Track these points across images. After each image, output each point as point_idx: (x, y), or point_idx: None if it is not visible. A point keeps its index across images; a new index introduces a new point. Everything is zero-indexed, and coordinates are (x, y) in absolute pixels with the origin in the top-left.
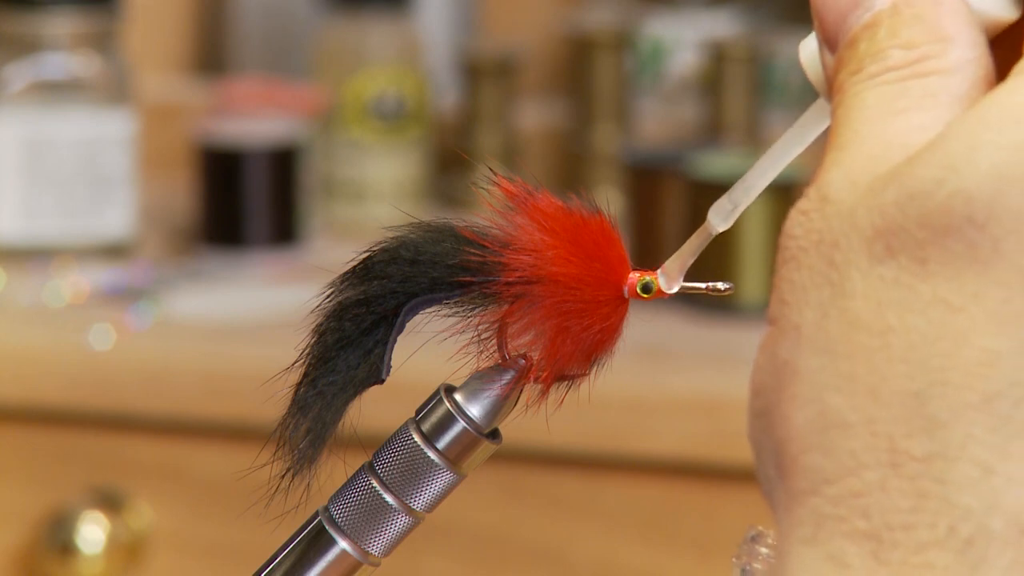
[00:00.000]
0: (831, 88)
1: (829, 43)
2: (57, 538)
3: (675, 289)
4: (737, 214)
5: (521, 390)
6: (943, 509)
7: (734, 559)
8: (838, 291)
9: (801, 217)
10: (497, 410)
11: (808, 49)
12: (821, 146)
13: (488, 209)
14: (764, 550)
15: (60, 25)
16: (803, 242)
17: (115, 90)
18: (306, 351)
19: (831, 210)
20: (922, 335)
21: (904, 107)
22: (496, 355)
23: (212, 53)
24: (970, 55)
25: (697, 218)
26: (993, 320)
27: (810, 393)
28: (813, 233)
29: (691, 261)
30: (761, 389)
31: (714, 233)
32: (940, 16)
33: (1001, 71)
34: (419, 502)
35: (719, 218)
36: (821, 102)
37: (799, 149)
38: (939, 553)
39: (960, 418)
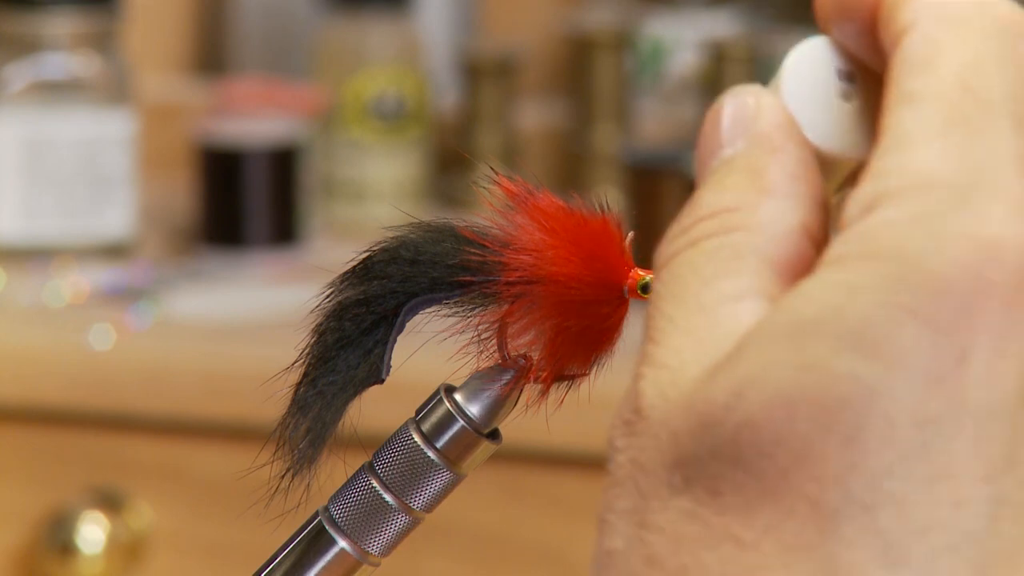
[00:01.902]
0: None
1: None
2: (57, 538)
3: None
4: None
5: (521, 390)
6: None
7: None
8: (642, 522)
9: (623, 427)
10: (497, 410)
11: None
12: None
13: (488, 209)
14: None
15: (60, 25)
16: (621, 457)
17: (115, 90)
18: (306, 351)
19: (643, 427)
20: (715, 574)
21: (711, 274)
22: (496, 355)
23: (212, 53)
24: (786, 208)
25: None
26: (785, 553)
27: None
28: (631, 449)
29: None
30: None
31: None
32: (768, 166)
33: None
34: (419, 502)
35: None
36: None
37: None
38: None
39: None
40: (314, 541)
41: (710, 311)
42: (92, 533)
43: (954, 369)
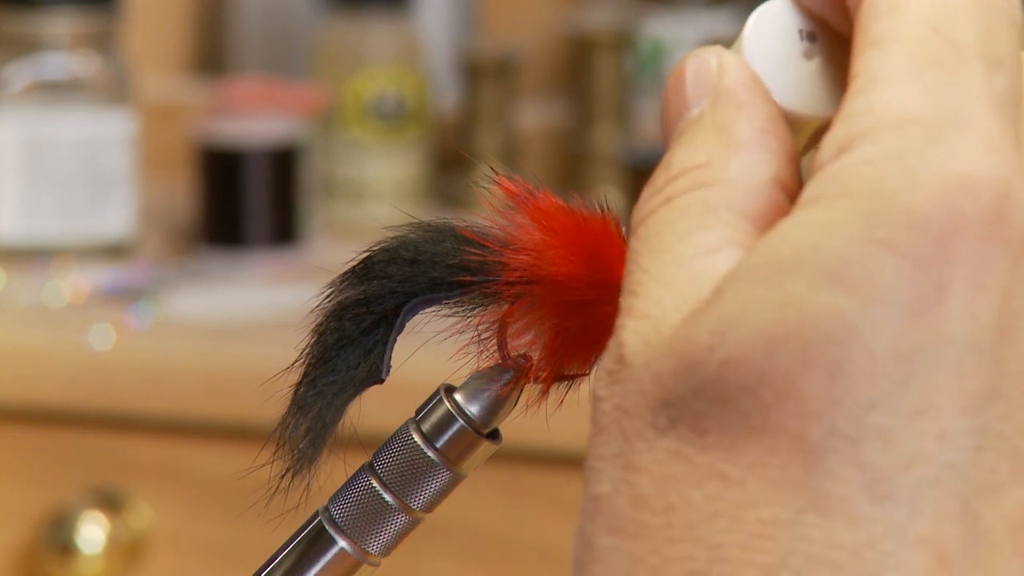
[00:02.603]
0: None
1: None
2: (57, 538)
3: None
4: None
5: (521, 390)
6: None
7: None
8: (628, 464)
9: (605, 377)
10: (497, 410)
11: None
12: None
13: (488, 209)
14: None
15: (60, 25)
16: (605, 405)
17: (115, 90)
18: (306, 351)
19: (625, 374)
20: (701, 511)
21: (686, 228)
22: (496, 355)
23: (212, 53)
24: (757, 161)
25: None
26: (770, 489)
27: (603, 575)
28: (614, 396)
29: None
30: (573, 561)
31: None
32: (736, 121)
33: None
34: (419, 502)
35: None
36: None
37: None
38: None
39: None
40: (314, 541)
41: (687, 263)
42: (92, 533)
43: (933, 302)
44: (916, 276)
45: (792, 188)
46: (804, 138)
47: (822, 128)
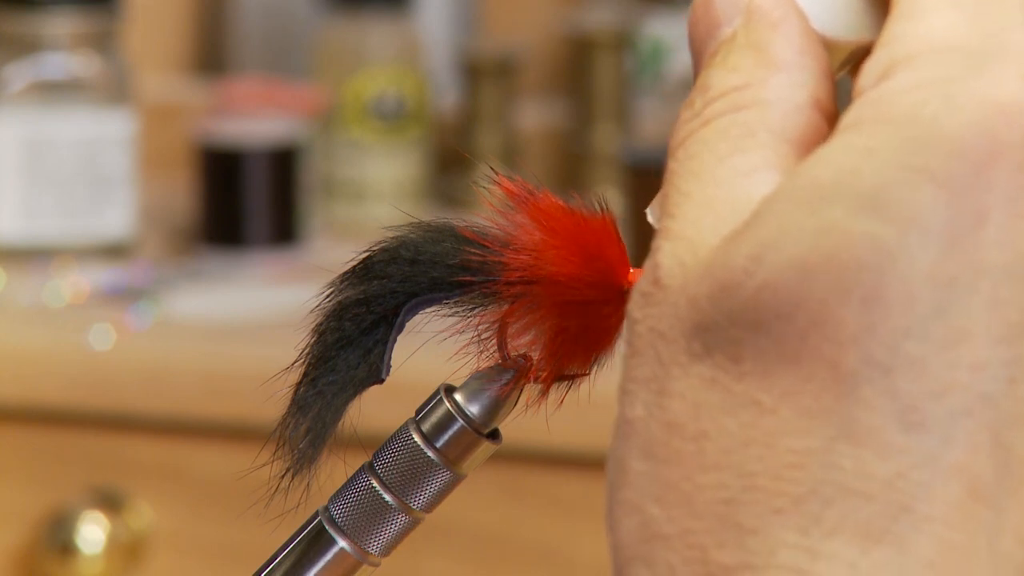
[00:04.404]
0: None
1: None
2: (57, 538)
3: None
4: None
5: (521, 390)
6: None
7: None
8: (662, 389)
9: (640, 299)
10: (497, 410)
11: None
12: None
13: (488, 209)
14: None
15: (60, 25)
16: (640, 328)
17: (115, 90)
18: (306, 351)
19: (661, 296)
20: (735, 439)
21: (725, 151)
22: (496, 355)
23: (212, 53)
24: (796, 82)
25: None
26: (803, 418)
27: (635, 500)
28: (649, 319)
29: None
30: (607, 484)
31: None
32: (772, 41)
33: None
34: (419, 502)
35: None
36: None
37: None
38: None
39: (769, 524)
40: (314, 541)
41: (725, 184)
42: (92, 533)
43: (970, 230)
44: (953, 204)
45: (829, 109)
46: (837, 60)
47: (857, 51)
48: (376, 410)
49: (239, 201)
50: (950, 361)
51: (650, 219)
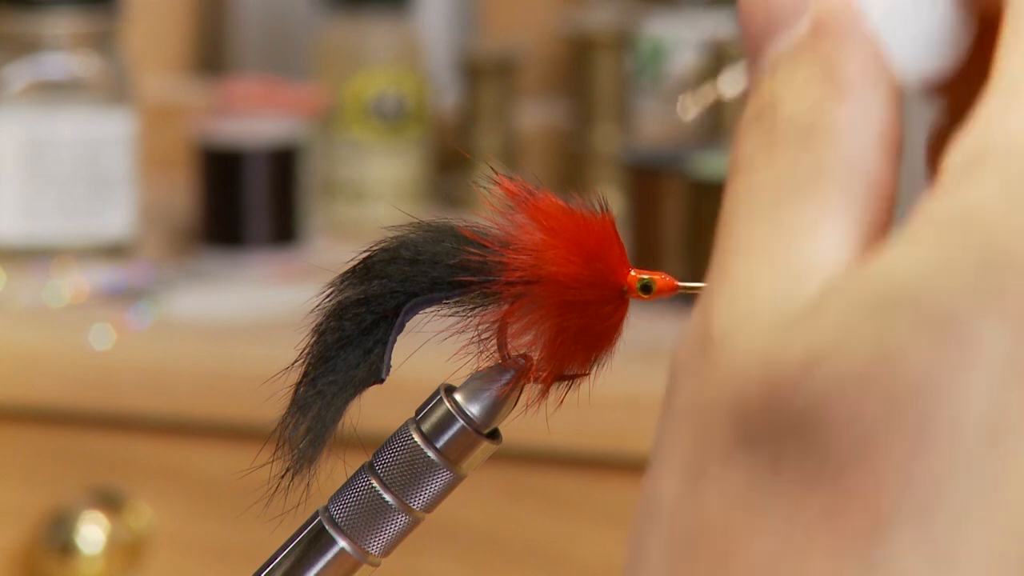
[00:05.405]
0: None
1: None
2: (57, 538)
3: None
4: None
5: (521, 390)
6: None
7: None
8: (695, 477)
9: (695, 345)
10: (497, 410)
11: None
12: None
13: (488, 209)
14: None
15: (60, 25)
16: (682, 397)
17: (115, 90)
18: (306, 351)
19: (714, 356)
20: (764, 553)
21: (791, 193)
22: (496, 355)
23: (212, 53)
24: (864, 114)
25: (697, 218)
26: (836, 540)
27: None
28: (695, 376)
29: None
30: (624, 562)
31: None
32: (841, 57)
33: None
34: (419, 502)
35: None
36: None
37: None
38: None
39: None
40: (314, 541)
41: (788, 237)
42: (92, 533)
43: None
44: (1017, 344)
45: (896, 138)
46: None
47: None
48: (376, 410)
49: (239, 201)
50: (991, 509)
51: (721, 89)
